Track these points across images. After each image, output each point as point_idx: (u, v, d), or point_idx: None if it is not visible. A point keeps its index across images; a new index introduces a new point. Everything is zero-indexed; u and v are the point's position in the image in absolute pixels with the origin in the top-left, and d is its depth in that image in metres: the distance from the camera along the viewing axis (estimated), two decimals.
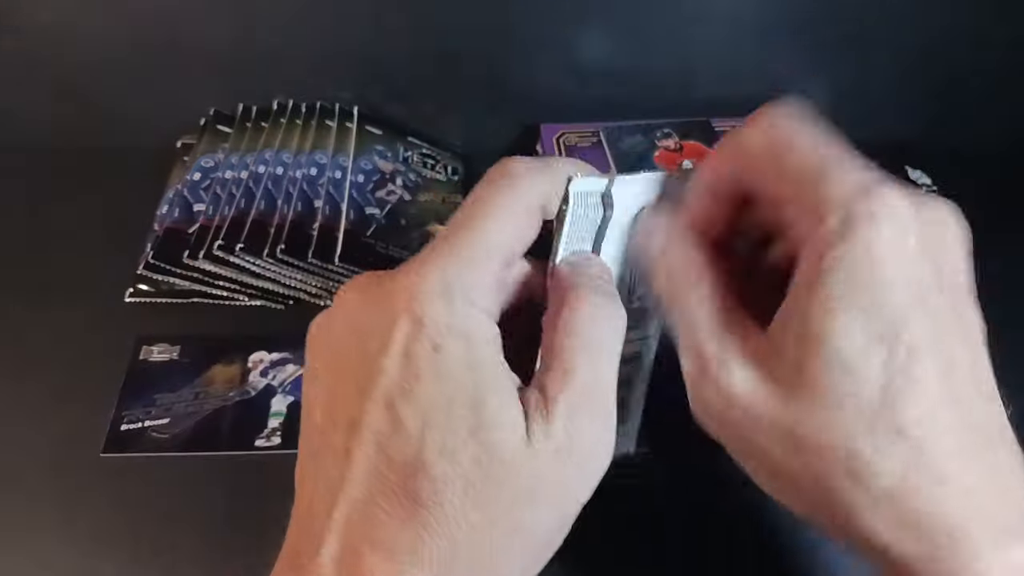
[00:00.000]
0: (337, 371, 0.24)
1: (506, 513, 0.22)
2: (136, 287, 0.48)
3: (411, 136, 0.58)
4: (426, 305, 0.22)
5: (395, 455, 0.22)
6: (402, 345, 0.22)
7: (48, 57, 0.55)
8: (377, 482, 0.22)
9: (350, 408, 0.23)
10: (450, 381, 0.22)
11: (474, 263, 0.24)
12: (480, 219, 0.24)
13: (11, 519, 0.38)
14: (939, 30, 0.55)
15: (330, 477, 0.22)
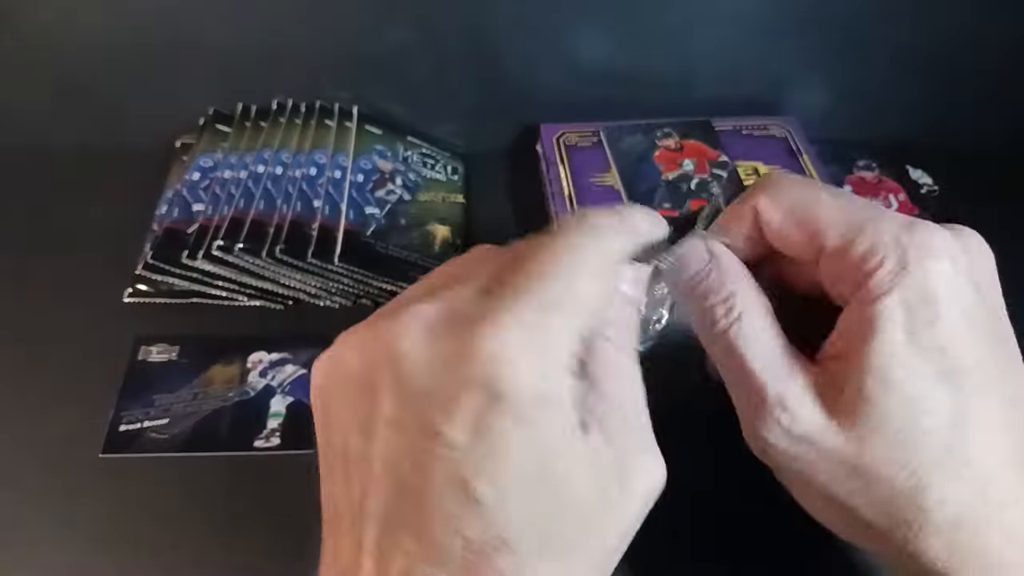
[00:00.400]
0: (377, 440, 0.21)
1: (577, 554, 0.21)
2: (135, 287, 0.48)
3: (411, 136, 0.58)
4: (503, 346, 0.20)
5: (473, 536, 0.20)
6: (473, 418, 0.20)
7: (48, 57, 0.55)
8: (458, 565, 0.20)
9: (402, 490, 0.21)
10: (533, 452, 0.20)
11: (561, 314, 0.21)
12: (567, 268, 0.22)
13: (11, 519, 0.38)
14: (939, 30, 0.55)
15: (398, 547, 0.21)
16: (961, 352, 0.24)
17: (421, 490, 0.20)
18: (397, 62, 0.56)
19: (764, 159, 0.54)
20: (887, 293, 0.23)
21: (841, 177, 0.57)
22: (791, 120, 0.57)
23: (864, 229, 0.24)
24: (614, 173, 0.53)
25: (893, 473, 0.23)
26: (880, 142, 0.59)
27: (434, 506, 0.20)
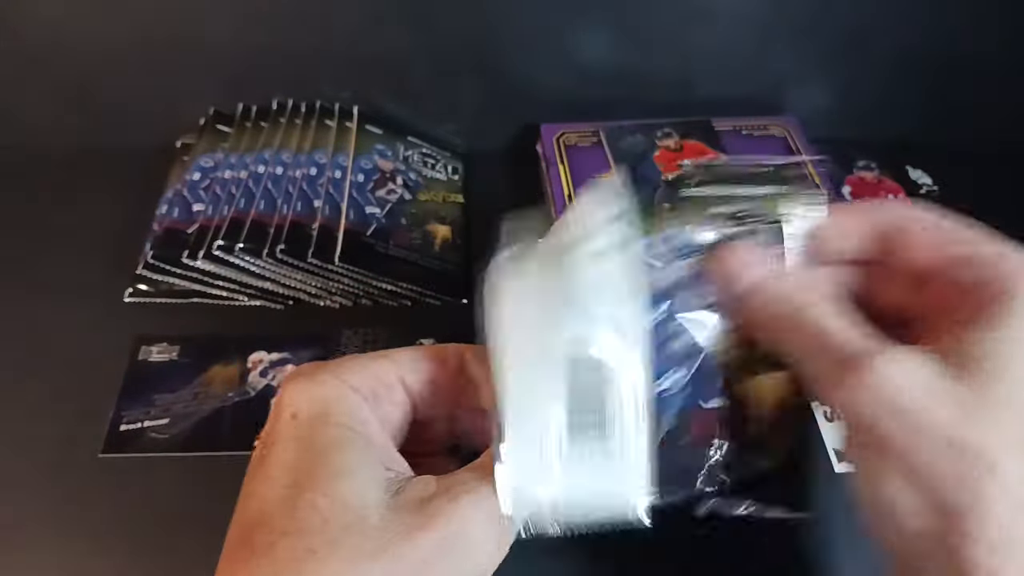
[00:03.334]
0: None
1: (344, 566, 0.22)
2: (135, 287, 0.48)
3: (411, 136, 0.58)
4: (289, 385, 0.26)
5: (240, 516, 0.24)
6: (268, 427, 0.25)
7: (48, 57, 0.55)
8: (230, 541, 0.24)
9: None
10: (302, 442, 0.24)
11: (359, 360, 0.26)
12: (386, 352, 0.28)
13: (11, 519, 0.38)
14: (939, 30, 0.55)
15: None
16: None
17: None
18: (397, 62, 0.56)
19: None
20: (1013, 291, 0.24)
21: (841, 177, 0.57)
22: (791, 120, 0.57)
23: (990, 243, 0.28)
24: (614, 173, 0.53)
25: (990, 446, 0.22)
26: (880, 142, 0.59)
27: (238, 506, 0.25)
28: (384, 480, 0.24)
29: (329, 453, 0.24)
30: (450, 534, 0.23)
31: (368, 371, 0.26)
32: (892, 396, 0.23)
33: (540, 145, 0.56)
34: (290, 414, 0.25)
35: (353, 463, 0.24)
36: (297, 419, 0.25)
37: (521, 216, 0.28)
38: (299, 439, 0.24)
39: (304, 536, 0.22)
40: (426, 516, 0.23)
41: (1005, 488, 0.22)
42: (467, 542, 0.23)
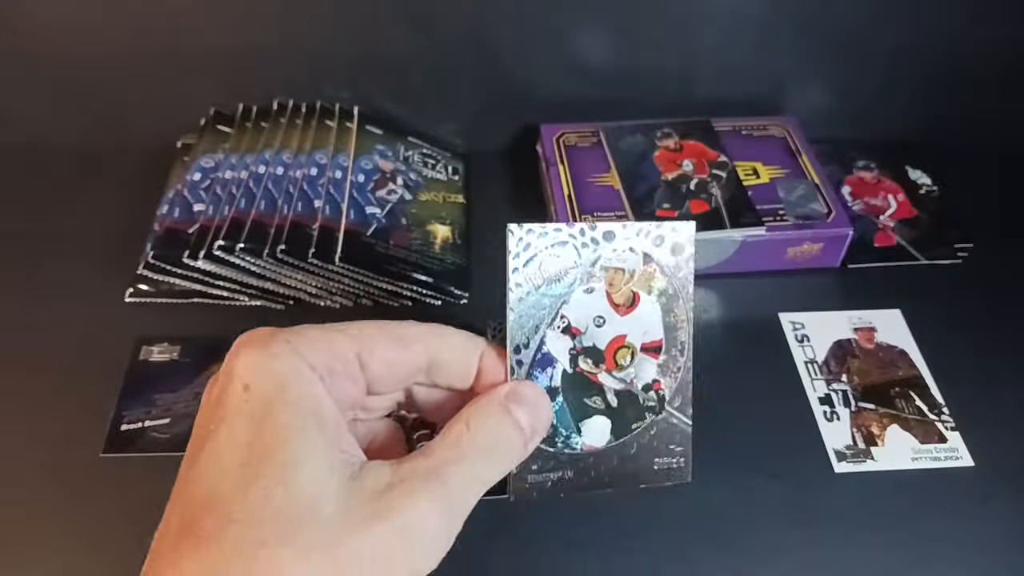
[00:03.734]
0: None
1: (296, 558, 0.21)
2: (136, 287, 0.48)
3: (411, 136, 0.58)
4: (243, 352, 0.24)
5: (186, 494, 0.23)
6: (217, 393, 0.24)
7: (48, 57, 0.55)
8: (173, 522, 0.22)
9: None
10: (255, 419, 0.23)
11: (316, 333, 0.25)
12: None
13: (11, 519, 0.38)
14: (939, 30, 0.55)
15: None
16: None
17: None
18: (398, 62, 0.56)
19: (763, 159, 0.54)
20: None
21: (840, 177, 0.57)
22: (790, 120, 0.57)
23: None
24: (614, 173, 0.53)
25: None
26: (879, 142, 0.59)
27: (180, 476, 0.24)
28: (339, 464, 0.23)
29: (284, 437, 0.23)
30: (405, 526, 0.23)
31: (326, 345, 0.25)
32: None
33: (540, 145, 0.56)
34: (242, 385, 0.24)
35: (307, 449, 0.23)
36: (249, 392, 0.24)
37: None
38: (252, 417, 0.23)
39: (256, 526, 0.21)
40: (381, 507, 0.23)
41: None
42: (421, 534, 0.23)
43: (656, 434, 0.32)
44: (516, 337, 0.29)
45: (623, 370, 0.31)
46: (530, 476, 0.31)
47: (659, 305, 0.31)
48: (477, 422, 0.27)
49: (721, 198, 0.51)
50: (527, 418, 0.28)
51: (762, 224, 0.49)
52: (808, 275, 0.51)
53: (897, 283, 0.51)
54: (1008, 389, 0.45)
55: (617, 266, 0.30)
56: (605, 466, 0.31)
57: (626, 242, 0.30)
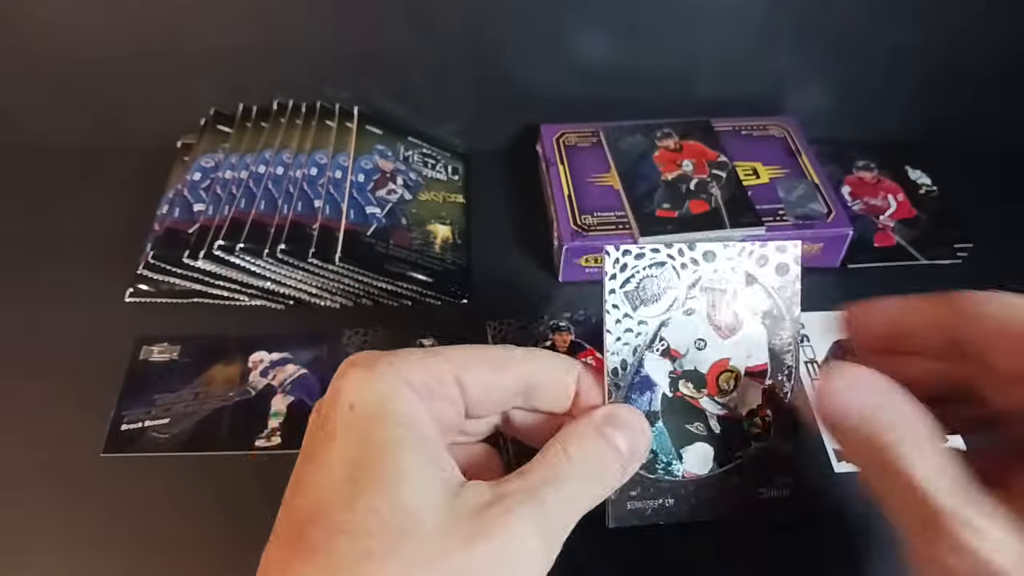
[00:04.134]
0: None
1: (400, 570, 0.22)
2: (136, 287, 0.48)
3: (411, 136, 0.58)
4: (349, 373, 0.26)
5: (296, 503, 0.24)
6: (325, 412, 0.25)
7: (48, 57, 0.55)
8: (282, 533, 0.24)
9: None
10: (361, 436, 0.24)
11: (416, 356, 0.26)
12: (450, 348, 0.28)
13: (11, 519, 0.38)
14: (939, 30, 0.55)
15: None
16: None
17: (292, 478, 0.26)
18: (398, 62, 0.56)
19: (763, 159, 0.54)
20: None
21: (840, 177, 0.57)
22: (790, 120, 0.57)
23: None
24: (614, 173, 0.53)
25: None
26: (879, 142, 0.59)
27: (288, 489, 0.26)
28: (440, 482, 0.24)
29: (387, 451, 0.24)
30: (505, 545, 0.23)
31: (425, 368, 0.26)
32: (977, 570, 0.21)
33: (540, 145, 0.56)
34: (348, 404, 0.25)
35: (410, 464, 0.24)
36: (355, 410, 0.25)
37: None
38: (358, 432, 0.24)
39: (362, 537, 0.22)
40: (481, 526, 0.23)
41: None
42: (520, 553, 0.23)
43: (761, 463, 0.30)
44: (613, 360, 0.29)
45: (726, 395, 0.30)
46: (630, 503, 0.30)
47: (764, 327, 0.30)
48: (575, 445, 0.27)
49: (721, 198, 0.51)
50: (625, 442, 0.28)
51: (762, 224, 0.49)
52: (808, 275, 0.51)
53: (897, 283, 0.51)
54: None
55: (718, 287, 0.29)
56: (707, 494, 0.30)
57: (728, 263, 0.29)
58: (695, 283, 0.29)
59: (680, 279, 0.29)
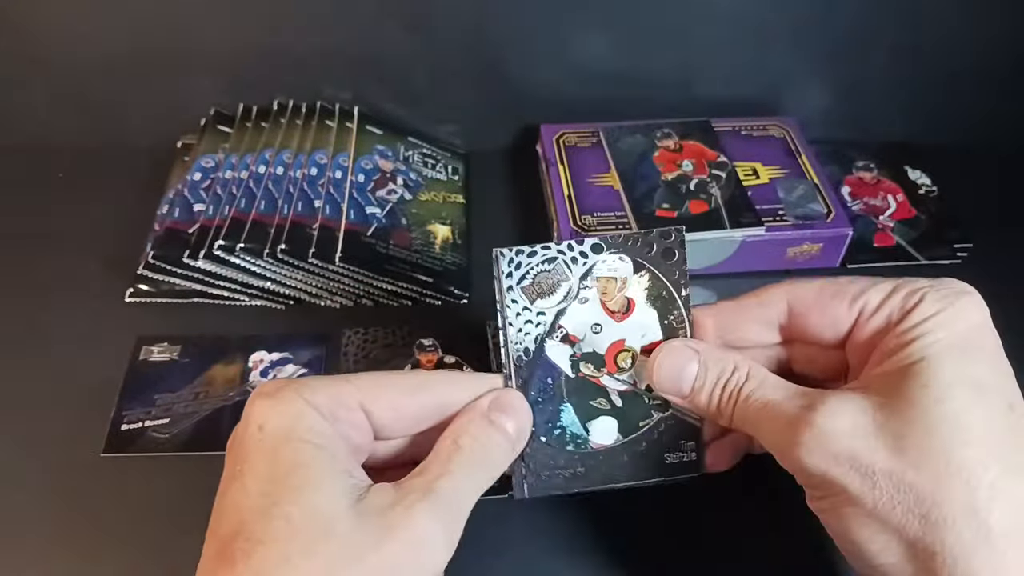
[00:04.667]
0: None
1: (317, 570, 0.24)
2: (136, 287, 0.48)
3: (411, 136, 0.58)
4: (256, 402, 0.27)
5: (218, 528, 0.25)
6: (237, 439, 0.27)
7: (48, 57, 0.55)
8: (209, 554, 0.25)
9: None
10: (271, 454, 0.26)
11: (321, 382, 0.28)
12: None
13: (11, 519, 0.38)
14: (939, 30, 0.55)
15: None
16: (1006, 382, 0.27)
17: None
18: (398, 62, 0.56)
19: (763, 160, 0.54)
20: (933, 326, 0.27)
21: (840, 177, 0.57)
22: (790, 120, 0.57)
23: (896, 284, 0.29)
24: (613, 173, 0.53)
25: (944, 485, 0.25)
26: (878, 142, 0.59)
27: (212, 518, 0.27)
28: (348, 488, 0.26)
29: (297, 464, 0.26)
30: (411, 538, 0.25)
31: (329, 392, 0.28)
32: (834, 445, 0.26)
33: (540, 145, 0.56)
34: (257, 427, 0.27)
35: (320, 473, 0.26)
36: (264, 432, 0.26)
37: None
38: (269, 451, 0.26)
39: (279, 544, 0.24)
40: (388, 524, 0.25)
41: (952, 517, 0.24)
42: (425, 543, 0.26)
43: (664, 431, 0.33)
44: (516, 349, 0.31)
45: (625, 372, 0.32)
46: (544, 473, 0.32)
47: (655, 309, 0.32)
48: (465, 436, 0.29)
49: (721, 198, 0.51)
50: (512, 424, 0.30)
51: (762, 224, 0.49)
52: (808, 275, 0.51)
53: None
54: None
55: (608, 275, 0.32)
56: (616, 462, 0.33)
57: (615, 253, 0.32)
58: (587, 273, 0.32)
59: (572, 272, 0.31)
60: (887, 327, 0.29)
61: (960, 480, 0.24)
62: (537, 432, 0.32)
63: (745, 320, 0.33)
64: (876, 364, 0.28)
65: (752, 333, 0.33)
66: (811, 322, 0.31)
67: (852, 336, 0.31)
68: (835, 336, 0.31)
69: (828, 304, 0.31)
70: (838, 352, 0.32)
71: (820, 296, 0.31)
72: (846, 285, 0.31)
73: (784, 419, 0.28)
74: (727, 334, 0.33)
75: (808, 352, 0.33)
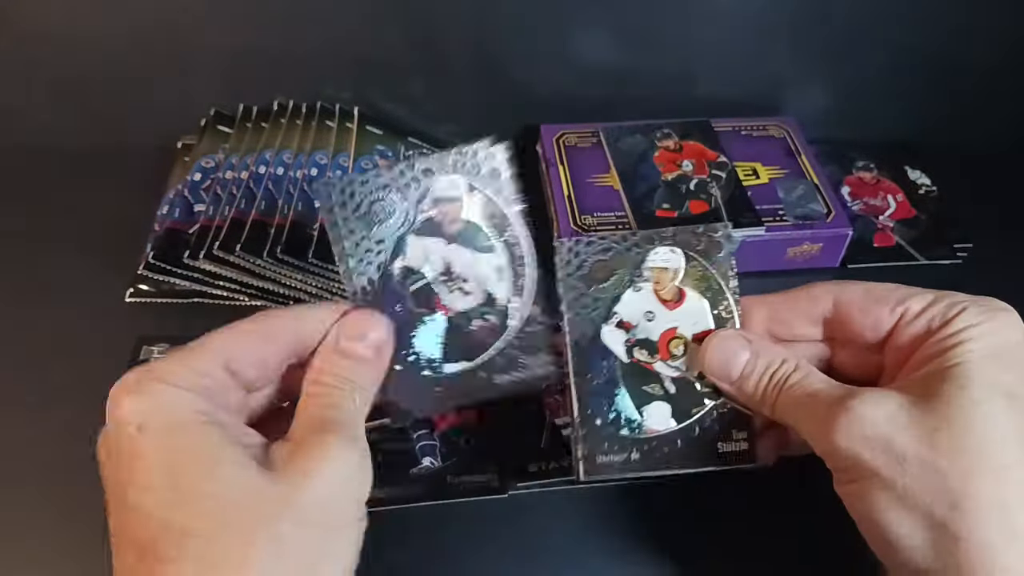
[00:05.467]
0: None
1: (258, 532, 0.24)
2: (136, 287, 0.48)
3: (411, 136, 0.58)
4: (122, 403, 0.26)
5: (130, 534, 0.25)
6: (113, 446, 0.26)
7: (48, 57, 0.55)
8: (129, 562, 0.24)
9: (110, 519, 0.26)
10: (163, 448, 0.25)
11: (176, 360, 0.27)
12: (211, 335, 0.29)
13: (11, 519, 0.38)
14: (938, 30, 0.55)
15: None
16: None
17: (111, 520, 0.27)
18: (397, 62, 0.56)
19: (763, 160, 0.54)
20: (974, 335, 0.28)
21: (840, 177, 0.57)
22: (790, 121, 0.57)
23: (938, 295, 0.31)
24: (613, 174, 0.53)
25: (966, 481, 0.25)
26: (878, 142, 0.59)
27: (113, 531, 0.26)
28: (247, 456, 0.26)
29: (194, 448, 0.25)
30: (328, 470, 0.26)
31: (189, 367, 0.27)
32: (869, 429, 0.27)
33: (540, 145, 0.56)
34: (133, 428, 0.25)
35: (219, 448, 0.25)
36: (143, 432, 0.25)
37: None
38: (158, 448, 0.25)
39: (210, 527, 0.24)
40: (294, 479, 0.25)
41: (981, 508, 0.25)
42: (344, 469, 0.26)
43: (717, 419, 0.34)
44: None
45: (677, 359, 0.34)
46: (599, 457, 0.34)
47: (706, 299, 0.34)
48: (316, 383, 0.29)
49: (721, 198, 0.51)
50: (368, 346, 0.30)
51: (762, 224, 0.49)
52: (808, 275, 0.51)
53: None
54: None
55: (662, 265, 0.34)
56: (670, 448, 0.34)
57: (667, 244, 0.34)
58: (640, 263, 0.33)
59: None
60: (927, 333, 0.30)
61: (992, 476, 0.25)
62: (594, 414, 0.33)
63: (793, 313, 0.34)
64: (914, 368, 0.29)
65: (798, 327, 0.34)
66: (854, 322, 0.32)
67: (891, 338, 0.32)
68: (875, 337, 0.32)
69: (872, 306, 0.32)
70: (876, 354, 0.33)
71: (866, 298, 0.32)
72: (891, 290, 0.32)
73: (824, 406, 0.29)
74: (774, 326, 0.34)
75: (848, 351, 0.34)
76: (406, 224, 0.32)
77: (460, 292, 0.33)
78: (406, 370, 0.33)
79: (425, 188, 0.32)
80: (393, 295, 0.32)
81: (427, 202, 0.32)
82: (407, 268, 0.32)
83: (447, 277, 0.33)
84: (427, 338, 0.33)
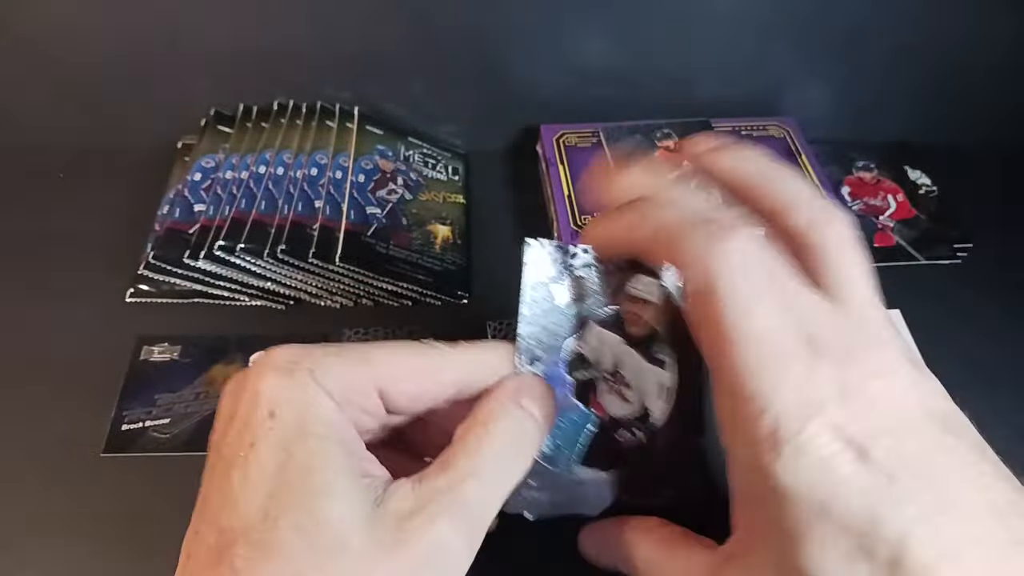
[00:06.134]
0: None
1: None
2: (136, 287, 0.48)
3: (411, 136, 0.58)
4: (268, 376, 0.24)
5: (214, 519, 0.23)
6: (243, 416, 0.24)
7: (48, 57, 0.55)
8: (206, 545, 0.23)
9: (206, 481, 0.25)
10: (282, 449, 0.23)
11: (338, 363, 0.25)
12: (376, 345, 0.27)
13: (11, 519, 0.38)
14: (939, 30, 0.55)
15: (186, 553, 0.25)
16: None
17: (204, 491, 0.25)
18: (398, 62, 0.56)
19: None
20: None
21: (840, 177, 0.57)
22: (790, 121, 0.57)
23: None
24: None
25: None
26: (879, 142, 0.59)
27: (203, 500, 0.25)
28: (363, 491, 0.24)
29: (310, 467, 0.23)
30: (428, 552, 0.23)
31: (345, 376, 0.25)
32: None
33: (540, 145, 0.56)
34: (268, 411, 0.24)
35: (333, 477, 0.23)
36: (275, 419, 0.24)
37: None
38: (278, 444, 0.23)
39: (287, 560, 0.22)
40: (404, 537, 0.23)
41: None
42: (445, 557, 0.23)
43: (642, 471, 0.31)
44: (531, 348, 0.29)
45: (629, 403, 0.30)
46: (524, 491, 0.29)
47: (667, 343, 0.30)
48: (494, 422, 0.26)
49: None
50: (540, 411, 0.27)
51: None
52: None
53: (897, 283, 0.50)
54: (1008, 389, 0.45)
55: (643, 296, 0.29)
56: (601, 496, 0.31)
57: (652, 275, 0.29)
58: (618, 290, 0.30)
59: (609, 284, 0.29)
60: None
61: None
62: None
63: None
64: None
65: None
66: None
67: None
68: None
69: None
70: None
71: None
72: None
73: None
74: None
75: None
76: (595, 310, 0.29)
77: (618, 397, 0.30)
78: (547, 462, 0.29)
79: (625, 279, 0.29)
80: (558, 378, 0.29)
81: (622, 295, 0.29)
82: (581, 356, 0.30)
83: (613, 378, 0.30)
84: (570, 433, 0.30)
